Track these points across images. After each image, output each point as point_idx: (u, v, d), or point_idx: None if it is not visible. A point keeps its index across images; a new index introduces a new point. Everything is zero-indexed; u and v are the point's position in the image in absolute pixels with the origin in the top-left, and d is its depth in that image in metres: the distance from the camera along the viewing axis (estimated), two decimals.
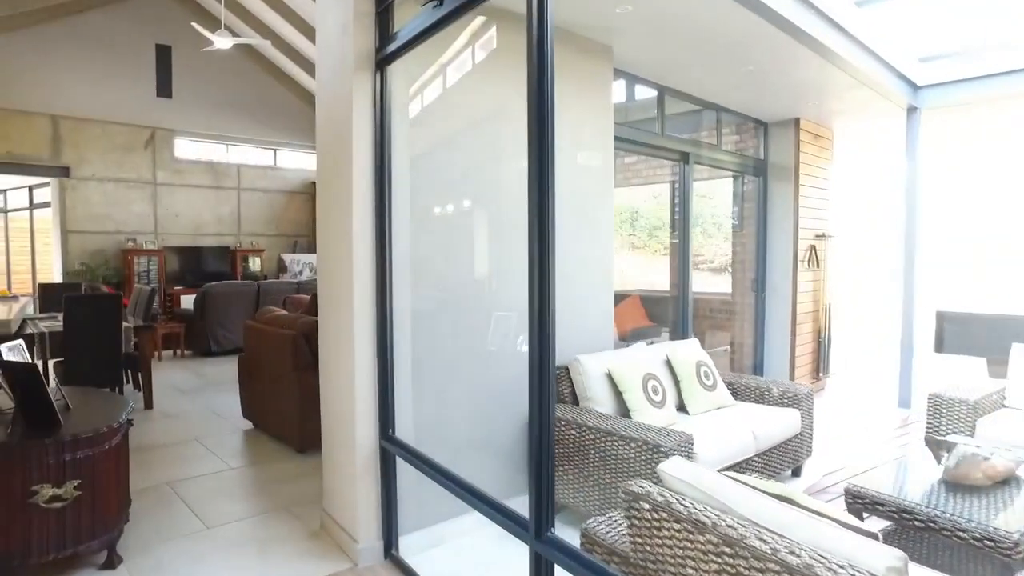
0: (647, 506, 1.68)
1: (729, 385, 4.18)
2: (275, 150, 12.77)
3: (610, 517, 2.12)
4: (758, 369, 6.38)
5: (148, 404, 5.58)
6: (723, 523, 1.48)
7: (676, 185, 6.41)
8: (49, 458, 2.57)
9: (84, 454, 2.65)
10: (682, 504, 1.60)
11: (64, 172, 10.49)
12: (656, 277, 8.30)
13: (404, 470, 2.86)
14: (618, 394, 3.52)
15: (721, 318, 6.78)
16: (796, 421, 3.81)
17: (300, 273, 12.31)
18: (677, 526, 1.58)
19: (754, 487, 1.73)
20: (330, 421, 3.14)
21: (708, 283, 7.02)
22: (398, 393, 2.89)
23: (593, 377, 3.50)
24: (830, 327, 6.56)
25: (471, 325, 3.37)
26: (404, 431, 2.92)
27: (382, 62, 2.83)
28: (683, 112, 5.52)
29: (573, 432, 3.23)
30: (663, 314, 7.09)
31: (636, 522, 1.72)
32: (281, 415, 4.49)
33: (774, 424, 3.66)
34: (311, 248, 13.05)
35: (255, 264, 12.15)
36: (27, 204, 11.67)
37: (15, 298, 6.76)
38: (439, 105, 3.26)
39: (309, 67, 12.01)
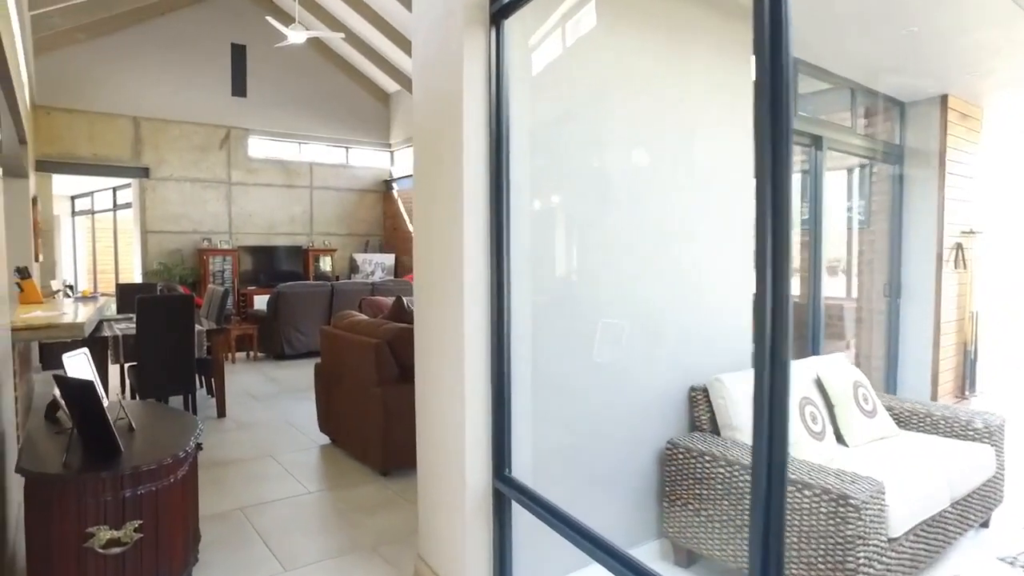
0: None
1: (889, 410, 3.47)
2: (347, 148, 12.58)
3: None
4: (890, 385, 5.56)
5: (221, 412, 5.27)
6: None
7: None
8: (106, 494, 2.15)
9: (146, 489, 2.22)
10: None
11: (144, 173, 10.54)
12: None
13: (520, 513, 2.32)
14: None
15: (839, 326, 5.98)
16: (991, 460, 3.08)
17: (372, 273, 12.05)
18: None
19: None
20: (430, 454, 2.63)
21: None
22: (515, 423, 2.36)
23: (738, 401, 2.87)
24: (977, 338, 5.67)
25: (589, 337, 2.81)
26: (521, 468, 2.38)
27: (497, 15, 2.30)
28: (810, 92, 4.80)
29: (721, 471, 2.62)
30: None
31: None
32: (362, 432, 4.04)
33: (966, 464, 2.94)
34: (383, 248, 12.80)
35: (326, 264, 11.97)
36: (111, 205, 11.85)
37: (95, 298, 6.63)
38: (564, 71, 2.71)
39: (382, 62, 11.74)
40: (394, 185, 12.62)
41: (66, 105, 9.88)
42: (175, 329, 4.75)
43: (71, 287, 9.53)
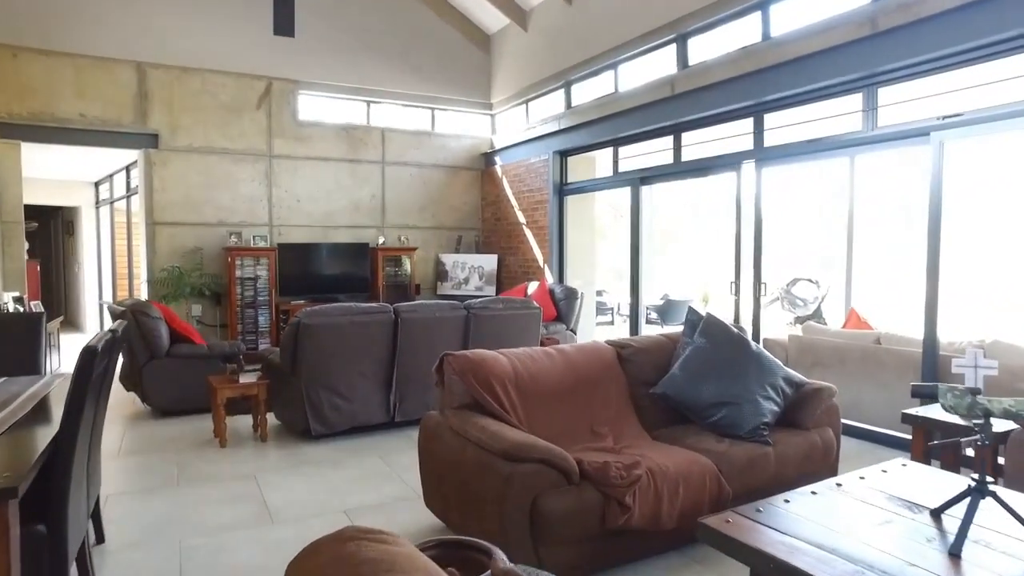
0: None
1: None
2: (432, 109, 9.12)
3: None
4: None
5: None
6: None
7: None
8: None
9: None
10: None
11: (152, 141, 7.49)
12: None
13: None
14: None
15: None
16: None
17: (466, 281, 8.50)
18: None
19: None
20: None
21: None
22: None
23: None
24: None
25: None
26: None
27: None
28: None
29: None
30: None
31: None
32: None
33: None
34: (480, 246, 9.24)
35: (403, 268, 8.56)
36: (124, 190, 8.98)
37: None
38: None
39: None
40: (497, 159, 9.04)
41: (42, 45, 6.95)
42: None
43: (20, 299, 6.56)
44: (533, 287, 7.47)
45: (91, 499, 2.58)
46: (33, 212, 11.35)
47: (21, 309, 6.26)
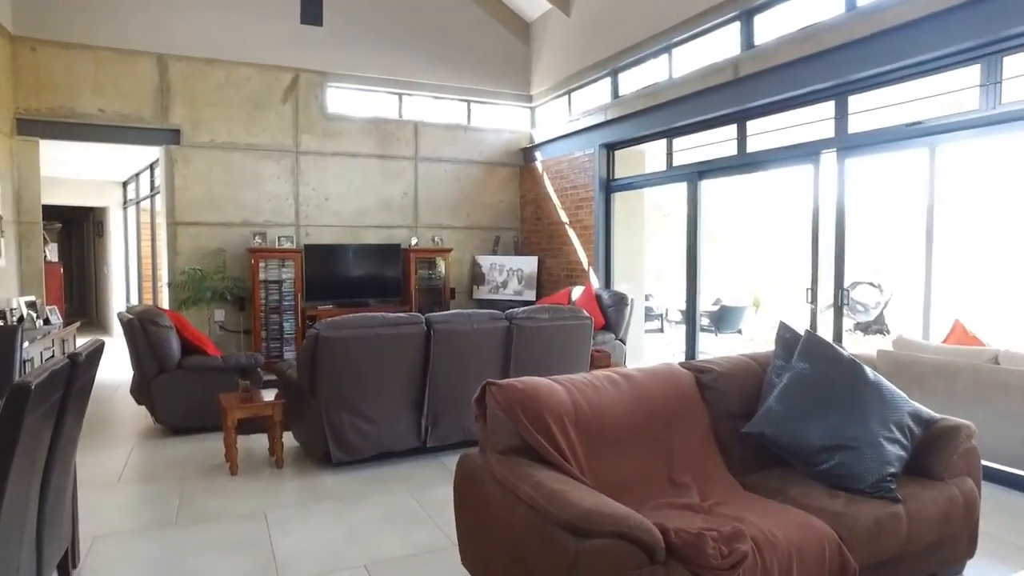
0: None
1: None
2: (468, 102, 8.58)
3: None
4: None
5: None
6: None
7: None
8: None
9: None
10: None
11: (173, 137, 7.09)
12: None
13: None
14: None
15: None
16: None
17: (504, 285, 7.94)
18: None
19: None
20: None
21: None
22: None
23: None
24: None
25: None
26: None
27: None
28: None
29: None
30: None
31: None
32: None
33: None
34: (519, 247, 8.65)
35: (436, 270, 8.04)
36: (149, 188, 8.64)
37: None
38: None
39: None
40: (537, 154, 8.45)
41: (61, 37, 6.60)
42: None
43: (33, 304, 6.18)
44: (578, 292, 6.86)
45: (48, 563, 2.06)
46: (64, 212, 11.22)
47: (35, 315, 5.90)
